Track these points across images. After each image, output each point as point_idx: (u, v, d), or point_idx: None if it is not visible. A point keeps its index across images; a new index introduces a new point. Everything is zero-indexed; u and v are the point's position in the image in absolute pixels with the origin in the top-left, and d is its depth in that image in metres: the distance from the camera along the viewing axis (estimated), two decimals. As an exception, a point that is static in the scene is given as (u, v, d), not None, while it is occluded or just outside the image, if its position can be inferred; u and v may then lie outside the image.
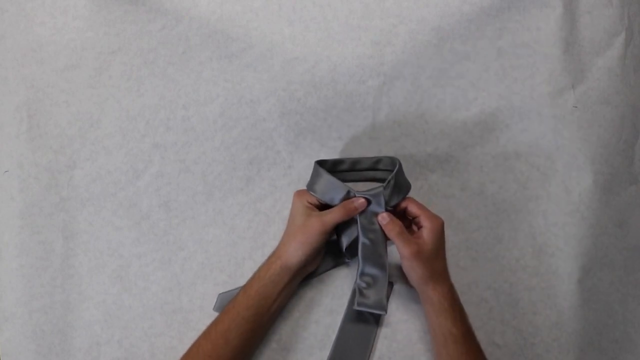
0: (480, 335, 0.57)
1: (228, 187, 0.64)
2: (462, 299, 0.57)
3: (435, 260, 0.57)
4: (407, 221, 0.60)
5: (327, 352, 0.61)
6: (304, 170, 0.65)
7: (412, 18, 0.64)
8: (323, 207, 0.59)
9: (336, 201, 0.58)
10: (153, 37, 0.65)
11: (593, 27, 0.65)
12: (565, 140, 0.64)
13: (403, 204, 0.59)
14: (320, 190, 0.59)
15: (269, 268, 0.57)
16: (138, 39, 0.65)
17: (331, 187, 0.58)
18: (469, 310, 0.57)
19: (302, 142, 0.65)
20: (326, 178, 0.58)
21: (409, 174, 0.63)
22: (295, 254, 0.57)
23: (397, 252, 0.57)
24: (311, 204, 0.59)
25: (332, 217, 0.57)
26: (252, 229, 0.64)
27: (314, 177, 0.60)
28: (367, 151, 0.65)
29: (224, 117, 0.64)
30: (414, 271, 0.56)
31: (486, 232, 0.64)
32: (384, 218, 0.57)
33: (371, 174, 0.64)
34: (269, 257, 0.59)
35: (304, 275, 0.60)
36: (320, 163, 0.60)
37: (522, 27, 0.64)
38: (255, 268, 0.62)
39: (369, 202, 0.58)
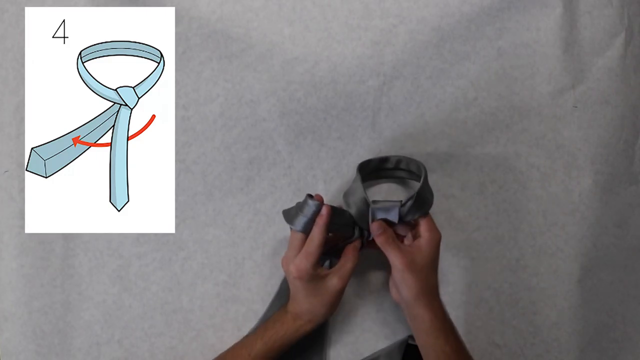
0: (480, 335, 0.57)
1: (228, 187, 0.64)
2: (462, 299, 0.57)
3: (429, 274, 0.53)
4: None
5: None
6: (304, 170, 0.65)
7: (412, 18, 0.64)
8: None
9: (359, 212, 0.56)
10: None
11: (593, 27, 0.65)
12: (565, 140, 0.64)
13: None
14: (350, 197, 0.57)
15: (299, 329, 0.55)
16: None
17: (358, 196, 0.56)
18: (469, 310, 0.57)
19: (302, 142, 0.65)
20: (358, 185, 0.57)
21: (409, 174, 0.63)
22: (326, 316, 0.55)
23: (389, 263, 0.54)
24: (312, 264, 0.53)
25: (347, 269, 0.54)
26: (252, 229, 0.64)
27: (353, 183, 0.59)
28: (367, 151, 0.65)
29: (224, 117, 0.64)
30: (405, 284, 0.52)
31: (486, 232, 0.64)
32: (377, 228, 0.53)
33: (403, 173, 0.63)
34: (298, 323, 0.55)
35: None
36: (366, 163, 0.59)
37: (522, 27, 0.64)
38: (255, 268, 0.62)
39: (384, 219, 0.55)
